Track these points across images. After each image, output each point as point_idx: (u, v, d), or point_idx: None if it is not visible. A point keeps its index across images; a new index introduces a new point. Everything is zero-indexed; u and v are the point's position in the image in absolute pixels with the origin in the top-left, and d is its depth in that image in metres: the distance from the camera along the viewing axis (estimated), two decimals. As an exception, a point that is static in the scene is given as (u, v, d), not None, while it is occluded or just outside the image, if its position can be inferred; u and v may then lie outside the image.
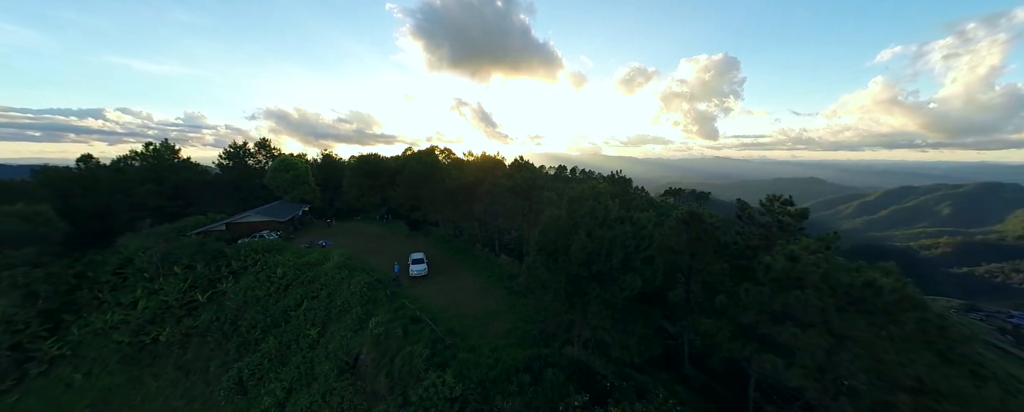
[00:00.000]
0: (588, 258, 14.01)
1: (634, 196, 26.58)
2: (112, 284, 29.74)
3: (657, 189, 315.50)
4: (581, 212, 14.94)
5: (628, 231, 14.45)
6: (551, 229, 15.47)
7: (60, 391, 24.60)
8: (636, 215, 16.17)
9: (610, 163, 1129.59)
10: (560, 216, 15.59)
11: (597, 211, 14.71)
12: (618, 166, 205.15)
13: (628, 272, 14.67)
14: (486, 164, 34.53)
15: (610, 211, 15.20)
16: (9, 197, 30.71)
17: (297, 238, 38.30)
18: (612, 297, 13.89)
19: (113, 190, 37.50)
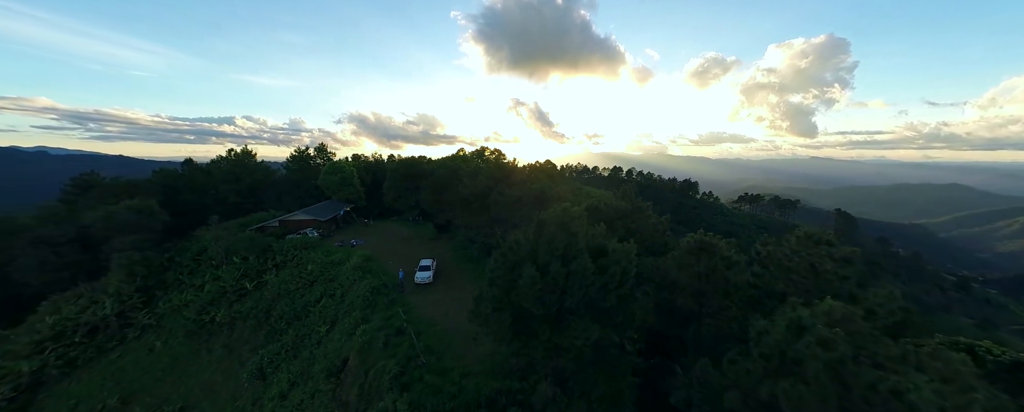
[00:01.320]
0: (539, 296, 12.09)
1: (645, 217, 22.93)
2: (190, 268, 35.87)
3: (732, 193, 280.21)
4: (541, 240, 13.01)
5: (591, 267, 12.11)
6: (509, 257, 13.82)
7: (145, 354, 30.38)
8: (616, 246, 13.60)
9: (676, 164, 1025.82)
10: (520, 242, 13.84)
11: (556, 241, 12.64)
12: (686, 167, 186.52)
13: (591, 314, 12.36)
14: (498, 172, 33.42)
15: (575, 240, 13.00)
16: (130, 193, 38.92)
17: (335, 236, 41.95)
18: (567, 344, 11.78)
19: (204, 188, 45.50)
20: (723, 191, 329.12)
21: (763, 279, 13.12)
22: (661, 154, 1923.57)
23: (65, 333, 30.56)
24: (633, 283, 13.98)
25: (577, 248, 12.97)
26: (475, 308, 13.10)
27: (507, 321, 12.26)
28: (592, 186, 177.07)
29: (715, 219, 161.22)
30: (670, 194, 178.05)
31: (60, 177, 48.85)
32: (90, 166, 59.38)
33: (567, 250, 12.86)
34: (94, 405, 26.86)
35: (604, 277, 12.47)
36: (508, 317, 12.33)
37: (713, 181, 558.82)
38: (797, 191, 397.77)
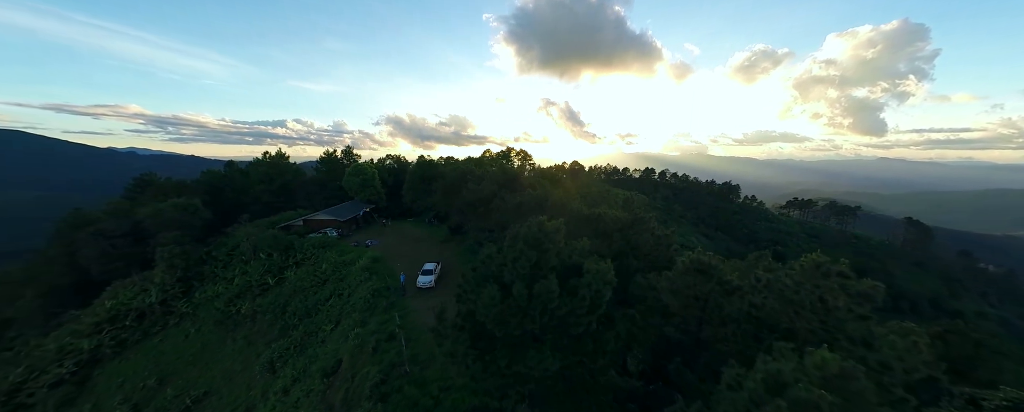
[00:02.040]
0: (499, 319, 11.31)
1: (647, 229, 21.09)
2: (224, 262, 38.94)
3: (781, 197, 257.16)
4: (508, 257, 12.22)
5: (556, 290, 11.12)
6: (479, 271, 13.16)
7: (181, 340, 33.39)
8: (591, 265, 12.45)
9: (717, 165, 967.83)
10: (491, 257, 13.12)
11: (522, 259, 11.78)
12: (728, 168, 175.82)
13: (559, 340, 11.37)
14: (502, 177, 32.76)
15: (546, 258, 12.05)
16: (178, 192, 43.04)
17: (353, 236, 43.61)
18: (526, 372, 10.91)
19: (243, 188, 49.39)
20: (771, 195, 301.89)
21: (764, 311, 11.31)
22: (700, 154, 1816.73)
23: (119, 317, 34.42)
24: (610, 306, 12.74)
25: (547, 267, 12.03)
26: (436, 325, 12.60)
27: (466, 342, 11.61)
28: (622, 188, 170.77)
29: (758, 226, 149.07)
30: (708, 197, 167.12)
31: (150, 172, 55.45)
32: (170, 165, 66.14)
33: (535, 269, 11.96)
34: (137, 384, 29.89)
35: (573, 301, 11.42)
36: (467, 338, 11.67)
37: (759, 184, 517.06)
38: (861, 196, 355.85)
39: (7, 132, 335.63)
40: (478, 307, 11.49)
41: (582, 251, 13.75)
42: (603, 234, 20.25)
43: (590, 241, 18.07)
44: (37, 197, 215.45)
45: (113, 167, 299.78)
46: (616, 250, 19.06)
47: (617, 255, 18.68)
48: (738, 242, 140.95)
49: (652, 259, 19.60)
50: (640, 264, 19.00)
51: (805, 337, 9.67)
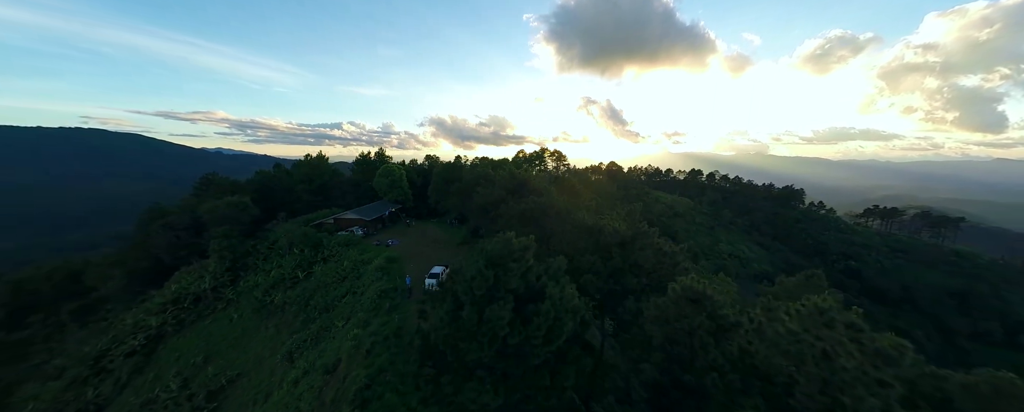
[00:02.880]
0: (450, 343, 10.68)
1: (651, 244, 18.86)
2: (265, 255, 42.91)
3: (860, 203, 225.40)
4: (465, 277, 11.54)
5: (507, 316, 10.22)
6: (443, 288, 12.60)
7: (226, 323, 37.35)
8: (554, 289, 11.30)
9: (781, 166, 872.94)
10: (456, 271, 12.48)
11: (478, 280, 11.02)
12: (793, 170, 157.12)
13: (512, 371, 10.47)
14: (511, 183, 31.91)
15: (507, 279, 11.17)
16: (233, 190, 48.25)
17: (377, 235, 45.67)
18: (468, 404, 10.18)
19: (288, 187, 54.20)
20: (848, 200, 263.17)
21: (758, 358, 9.33)
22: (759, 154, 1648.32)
23: (180, 299, 39.45)
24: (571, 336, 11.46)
25: (505, 289, 11.15)
26: (395, 339, 12.27)
27: (417, 362, 11.13)
28: (664, 190, 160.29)
29: (826, 237, 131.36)
30: (764, 202, 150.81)
31: (229, 172, 63.76)
32: (247, 163, 74.43)
33: (493, 290, 11.15)
34: (188, 360, 33.98)
35: (527, 329, 10.42)
36: (418, 358, 11.19)
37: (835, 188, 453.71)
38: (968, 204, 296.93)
39: (128, 135, 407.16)
40: (429, 326, 10.97)
41: (554, 271, 12.61)
42: (602, 248, 18.66)
43: (589, 256, 16.72)
44: (148, 188, 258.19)
45: (204, 165, 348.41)
46: (613, 268, 17.41)
47: (614, 273, 17.06)
48: (800, 254, 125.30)
49: (656, 279, 17.63)
50: (640, 284, 17.18)
51: (805, 403, 7.72)
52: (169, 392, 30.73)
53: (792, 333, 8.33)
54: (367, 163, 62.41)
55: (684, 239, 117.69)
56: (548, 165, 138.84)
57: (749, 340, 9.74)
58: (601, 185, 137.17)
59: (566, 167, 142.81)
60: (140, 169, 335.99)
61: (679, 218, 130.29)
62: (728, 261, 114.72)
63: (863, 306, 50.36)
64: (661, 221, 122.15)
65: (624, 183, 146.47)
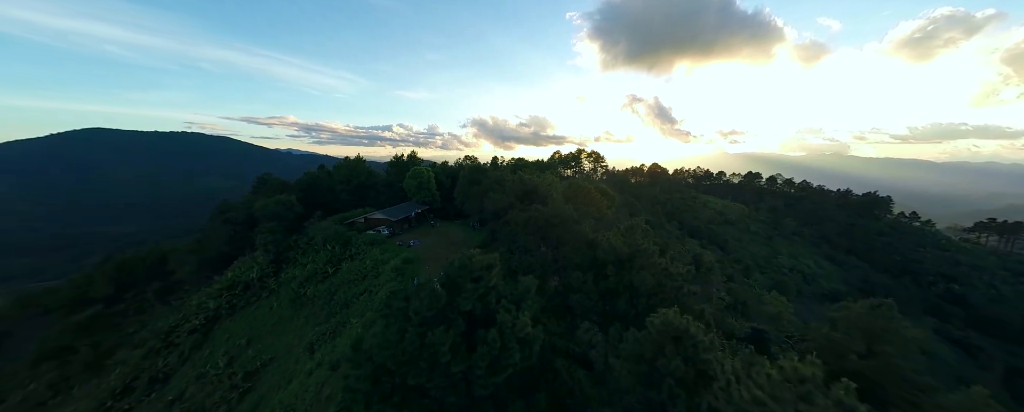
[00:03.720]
0: (395, 366, 10.37)
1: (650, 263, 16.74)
2: (303, 250, 46.81)
3: (971, 215, 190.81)
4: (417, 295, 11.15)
5: (448, 341, 9.64)
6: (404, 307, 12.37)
7: (267, 311, 41.36)
8: (505, 316, 10.43)
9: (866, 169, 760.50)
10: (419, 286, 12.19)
11: (429, 298, 10.57)
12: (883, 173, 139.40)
13: (454, 401, 9.87)
14: (520, 189, 30.96)
15: (460, 300, 10.58)
16: (282, 189, 53.32)
17: (402, 235, 47.51)
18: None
19: (329, 187, 58.76)
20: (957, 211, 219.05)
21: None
22: (836, 155, 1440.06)
23: (233, 286, 44.53)
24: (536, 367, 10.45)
25: (457, 311, 10.57)
26: (350, 352, 12.28)
27: (365, 381, 10.97)
28: (715, 194, 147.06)
29: (919, 253, 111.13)
30: (838, 211, 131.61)
31: (297, 171, 71.24)
32: (312, 163, 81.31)
33: (444, 311, 10.63)
34: (234, 341, 38.19)
35: (471, 357, 9.72)
36: (367, 376, 11.02)
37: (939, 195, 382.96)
38: None
39: (219, 138, 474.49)
40: (372, 344, 10.78)
41: (521, 293, 11.75)
42: (598, 265, 17.17)
43: (580, 273, 15.60)
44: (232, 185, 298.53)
45: (277, 164, 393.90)
46: (606, 289, 15.90)
47: (607, 295, 15.64)
48: (886, 273, 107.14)
49: (654, 304, 15.72)
50: (633, 309, 15.47)
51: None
52: (217, 368, 34.73)
53: (758, 402, 6.59)
54: (400, 164, 65.34)
55: (734, 250, 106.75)
56: (584, 166, 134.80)
57: (716, 396, 8.00)
58: (640, 188, 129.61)
59: (604, 168, 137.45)
60: (228, 167, 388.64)
61: (730, 226, 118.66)
62: (788, 276, 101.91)
63: (970, 340, 42.63)
64: (708, 229, 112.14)
65: (668, 186, 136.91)
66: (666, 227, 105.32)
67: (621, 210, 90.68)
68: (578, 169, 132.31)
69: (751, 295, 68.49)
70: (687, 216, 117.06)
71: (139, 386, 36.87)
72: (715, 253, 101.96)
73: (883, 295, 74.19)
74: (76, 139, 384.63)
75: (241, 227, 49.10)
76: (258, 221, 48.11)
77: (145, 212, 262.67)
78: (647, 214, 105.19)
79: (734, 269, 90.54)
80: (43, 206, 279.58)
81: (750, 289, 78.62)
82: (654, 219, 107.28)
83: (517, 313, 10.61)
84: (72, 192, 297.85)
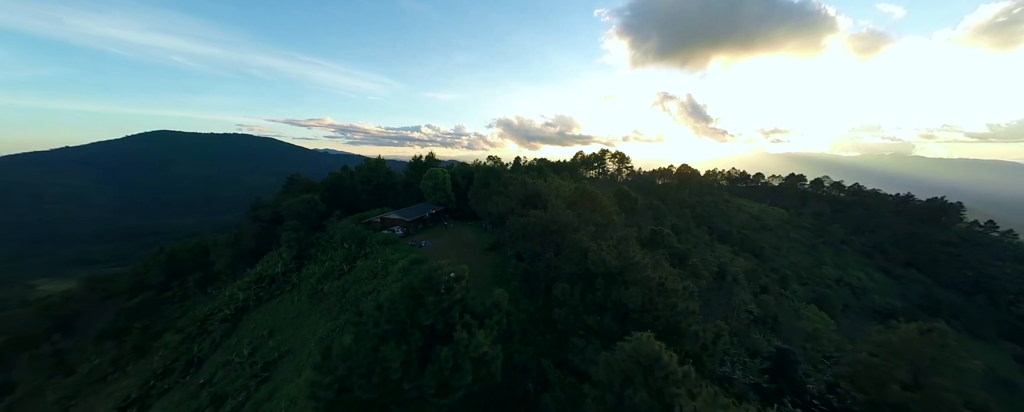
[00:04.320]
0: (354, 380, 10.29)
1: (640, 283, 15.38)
2: (323, 247, 49.06)
3: None
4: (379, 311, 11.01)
5: (397, 356, 9.39)
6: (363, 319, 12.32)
7: (288, 305, 43.77)
8: (462, 333, 9.99)
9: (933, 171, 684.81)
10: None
11: (386, 312, 10.40)
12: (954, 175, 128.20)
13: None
14: (522, 193, 30.24)
15: (420, 314, 10.32)
16: (308, 189, 56.25)
17: (415, 235, 48.44)
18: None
19: (350, 187, 61.27)
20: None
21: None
22: (898, 156, 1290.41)
23: (260, 280, 47.58)
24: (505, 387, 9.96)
25: (416, 324, 10.33)
26: (319, 360, 12.39)
27: (329, 389, 10.99)
28: (750, 198, 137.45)
29: (999, 269, 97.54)
30: (896, 218, 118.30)
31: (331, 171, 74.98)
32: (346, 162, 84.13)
33: (405, 323, 10.42)
34: (259, 332, 40.74)
35: (421, 376, 9.40)
36: (332, 383, 11.03)
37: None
38: None
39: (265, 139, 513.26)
40: (338, 353, 10.76)
41: (489, 308, 11.31)
42: (589, 278, 16.25)
43: (565, 285, 14.93)
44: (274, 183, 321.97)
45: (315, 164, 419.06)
46: (592, 303, 14.99)
47: (594, 310, 14.81)
48: (954, 289, 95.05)
49: (644, 324, 14.56)
50: (621, 328, 14.43)
51: None
52: (241, 357, 37.19)
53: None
54: (419, 165, 66.74)
55: (771, 258, 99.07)
56: (608, 167, 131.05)
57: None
58: (668, 190, 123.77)
59: (629, 169, 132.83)
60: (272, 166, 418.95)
61: (767, 232, 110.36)
62: (834, 289, 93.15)
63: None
64: (740, 234, 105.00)
65: (698, 188, 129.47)
66: (693, 232, 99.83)
67: (644, 213, 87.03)
68: (601, 170, 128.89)
69: (785, 309, 63.17)
70: (718, 220, 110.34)
71: (177, 368, 40.34)
72: (748, 261, 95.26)
73: (950, 314, 67.13)
74: (147, 140, 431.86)
75: (269, 224, 52.43)
76: (284, 219, 51.07)
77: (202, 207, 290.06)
78: (673, 218, 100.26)
79: (769, 279, 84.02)
80: (120, 199, 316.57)
81: (786, 302, 72.60)
82: (681, 223, 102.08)
83: (475, 331, 10.16)
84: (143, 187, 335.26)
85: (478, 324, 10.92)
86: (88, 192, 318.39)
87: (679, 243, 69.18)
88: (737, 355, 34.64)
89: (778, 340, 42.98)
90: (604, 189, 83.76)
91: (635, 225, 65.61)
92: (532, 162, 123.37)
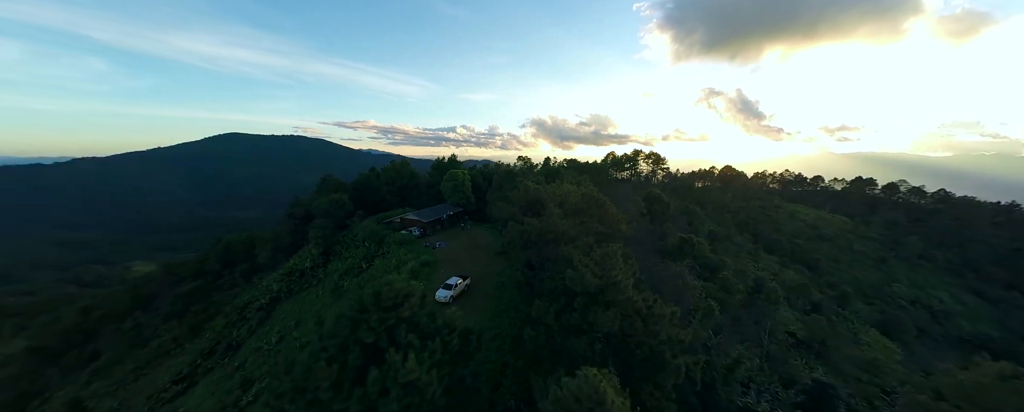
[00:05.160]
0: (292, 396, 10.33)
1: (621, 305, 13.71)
2: (347, 245, 51.76)
3: None
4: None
5: (329, 376, 9.24)
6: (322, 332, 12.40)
7: (313, 298, 46.64)
8: (393, 356, 9.60)
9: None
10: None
11: (331, 327, 10.33)
12: None
13: None
14: (524, 200, 29.24)
15: (361, 332, 10.15)
16: (338, 189, 59.71)
17: (431, 236, 49.38)
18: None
19: (376, 187, 64.14)
20: None
21: None
22: (1003, 156, 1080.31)
23: (291, 273, 51.33)
24: None
25: (356, 343, 10.18)
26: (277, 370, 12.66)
27: (280, 397, 11.17)
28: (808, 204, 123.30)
29: None
30: (995, 231, 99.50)
31: None
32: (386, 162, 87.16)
33: (349, 338, 10.33)
34: (286, 322, 43.98)
35: (349, 400, 9.16)
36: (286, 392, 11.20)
37: None
38: None
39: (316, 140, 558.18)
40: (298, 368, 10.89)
41: (440, 327, 10.91)
42: (570, 296, 15.11)
43: (541, 303, 14.19)
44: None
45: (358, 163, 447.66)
46: (568, 324, 13.87)
47: (570, 331, 13.84)
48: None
49: (622, 349, 13.14)
50: (592, 353, 13.15)
51: None
52: (269, 344, 40.28)
53: None
54: (441, 167, 68.07)
55: (828, 272, 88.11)
56: (642, 168, 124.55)
57: None
58: (708, 193, 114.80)
59: (664, 170, 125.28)
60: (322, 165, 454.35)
61: (824, 242, 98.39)
62: (908, 311, 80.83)
63: None
64: (792, 244, 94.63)
65: (743, 191, 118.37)
66: (734, 240, 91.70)
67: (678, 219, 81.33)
68: (633, 171, 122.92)
69: (840, 332, 55.56)
70: (765, 227, 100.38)
71: (219, 350, 44.75)
72: (800, 274, 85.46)
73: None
74: (220, 142, 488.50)
75: (301, 221, 56.48)
76: (314, 217, 54.65)
77: (262, 201, 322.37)
78: (711, 224, 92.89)
79: (823, 296, 74.67)
80: (198, 193, 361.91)
81: (843, 324, 64.03)
82: (720, 230, 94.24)
83: (412, 353, 9.74)
84: (217, 183, 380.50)
85: (422, 345, 10.50)
86: (174, 187, 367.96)
87: (712, 252, 63.81)
88: (767, 383, 31.02)
89: (823, 369, 37.95)
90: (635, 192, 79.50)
91: (662, 232, 61.55)
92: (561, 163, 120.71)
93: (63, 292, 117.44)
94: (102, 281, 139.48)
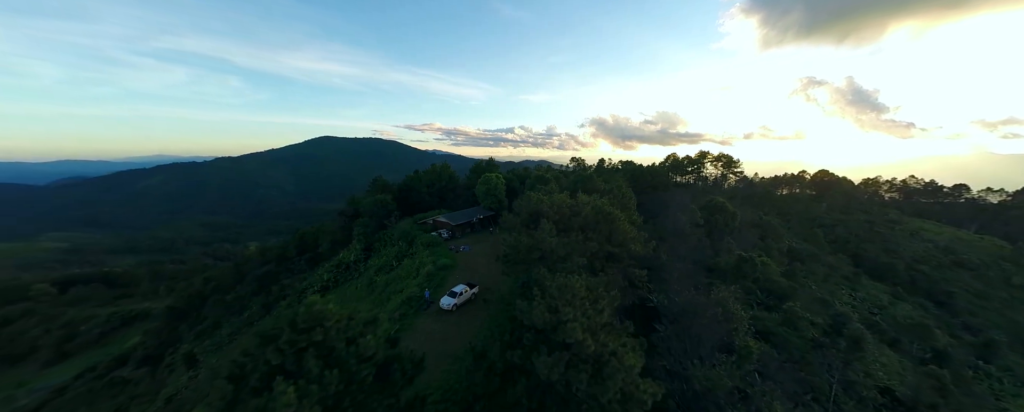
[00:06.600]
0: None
1: (562, 344, 11.16)
2: (385, 243, 55.44)
3: None
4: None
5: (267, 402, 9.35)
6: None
7: (353, 289, 50.98)
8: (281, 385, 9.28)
9: None
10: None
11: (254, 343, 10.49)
12: None
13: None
14: (528, 210, 27.21)
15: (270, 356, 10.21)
16: (383, 189, 64.41)
17: (458, 239, 50.11)
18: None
19: (417, 189, 67.69)
20: None
21: None
22: None
23: (339, 265, 56.84)
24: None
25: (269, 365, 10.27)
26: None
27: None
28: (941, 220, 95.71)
29: None
30: None
31: None
32: (450, 161, 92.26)
33: (259, 365, 10.49)
34: (330, 309, 48.89)
35: None
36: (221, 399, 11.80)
37: None
38: None
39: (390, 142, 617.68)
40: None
41: (355, 355, 10.53)
42: (523, 330, 13.31)
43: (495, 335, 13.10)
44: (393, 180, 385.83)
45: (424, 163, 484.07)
46: (511, 363, 12.17)
47: (511, 373, 12.36)
48: None
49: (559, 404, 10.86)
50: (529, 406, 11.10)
51: None
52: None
53: None
54: (480, 170, 68.92)
55: (968, 312, 67.14)
56: (708, 171, 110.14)
57: None
58: (794, 203, 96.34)
59: (737, 174, 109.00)
60: (394, 165, 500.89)
61: (964, 271, 75.48)
62: None
63: None
64: (912, 272, 74.56)
65: (843, 202, 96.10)
66: (826, 260, 75.39)
67: (746, 233, 69.76)
68: (698, 175, 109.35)
69: (974, 394, 41.47)
70: (872, 247, 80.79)
71: (279, 328, 51.68)
72: (921, 311, 66.73)
73: None
74: (315, 144, 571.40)
75: (350, 219, 62.24)
76: (360, 215, 59.74)
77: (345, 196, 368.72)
78: (793, 239, 77.88)
79: (956, 342, 57.05)
80: (299, 187, 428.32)
81: (981, 381, 48.07)
82: (807, 248, 78.43)
83: (298, 382, 9.34)
84: (312, 179, 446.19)
85: (318, 375, 10.08)
86: (281, 181, 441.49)
87: (785, 276, 53.27)
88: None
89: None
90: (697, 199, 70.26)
91: (718, 248, 53.22)
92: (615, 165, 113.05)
93: (203, 264, 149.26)
94: (228, 257, 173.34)
